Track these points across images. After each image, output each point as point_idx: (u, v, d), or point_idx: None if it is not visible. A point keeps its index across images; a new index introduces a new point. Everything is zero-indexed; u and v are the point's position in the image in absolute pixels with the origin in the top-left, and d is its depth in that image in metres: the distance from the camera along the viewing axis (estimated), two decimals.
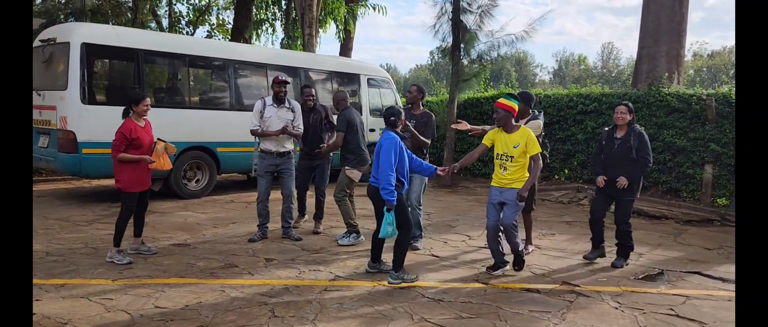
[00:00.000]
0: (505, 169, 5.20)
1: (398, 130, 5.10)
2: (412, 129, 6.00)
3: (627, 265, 5.78)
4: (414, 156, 5.28)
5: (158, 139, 5.49)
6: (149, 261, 5.35)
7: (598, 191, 5.90)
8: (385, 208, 4.78)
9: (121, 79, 9.38)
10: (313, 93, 6.96)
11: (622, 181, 5.54)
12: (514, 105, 5.19)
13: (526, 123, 5.71)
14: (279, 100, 6.35)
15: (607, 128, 5.99)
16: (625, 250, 5.80)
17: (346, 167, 6.28)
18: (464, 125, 6.04)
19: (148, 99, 5.42)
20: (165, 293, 4.41)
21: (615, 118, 5.75)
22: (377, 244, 5.19)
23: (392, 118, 5.02)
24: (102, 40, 8.32)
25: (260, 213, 6.35)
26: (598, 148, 5.94)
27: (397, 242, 4.94)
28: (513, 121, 5.23)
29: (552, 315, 4.28)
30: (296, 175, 6.83)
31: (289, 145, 6.47)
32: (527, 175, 5.23)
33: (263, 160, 6.37)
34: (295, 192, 6.74)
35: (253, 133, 6.38)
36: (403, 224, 4.91)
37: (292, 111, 6.46)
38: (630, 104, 5.75)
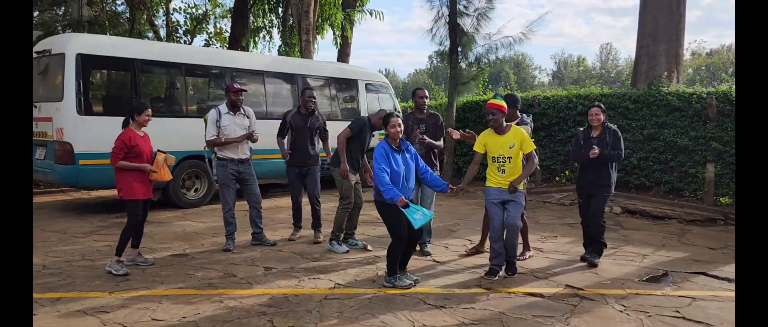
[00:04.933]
0: (503, 171, 5.21)
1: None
2: (429, 140, 5.97)
3: (597, 264, 5.75)
4: (428, 169, 5.19)
5: (158, 150, 5.52)
6: (147, 272, 5.29)
7: (581, 195, 6.01)
8: (401, 207, 4.65)
9: (117, 89, 9.34)
10: (315, 96, 6.84)
11: (596, 151, 5.58)
12: (503, 104, 5.25)
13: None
14: (235, 107, 6.24)
15: (581, 129, 6.09)
16: (598, 247, 5.85)
17: None
18: (455, 134, 6.09)
19: (150, 109, 5.44)
20: (162, 305, 4.34)
21: (590, 119, 5.88)
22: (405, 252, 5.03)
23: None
24: (97, 51, 8.28)
25: (229, 221, 6.25)
26: (576, 147, 5.98)
27: (388, 249, 4.89)
28: (504, 121, 5.28)
29: (556, 320, 4.20)
30: (290, 184, 6.81)
31: (248, 151, 6.38)
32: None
33: (224, 168, 6.21)
34: (258, 198, 6.52)
35: (210, 143, 6.24)
36: (394, 232, 4.85)
37: (248, 117, 6.36)
38: (602, 106, 5.89)
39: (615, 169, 5.91)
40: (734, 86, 9.36)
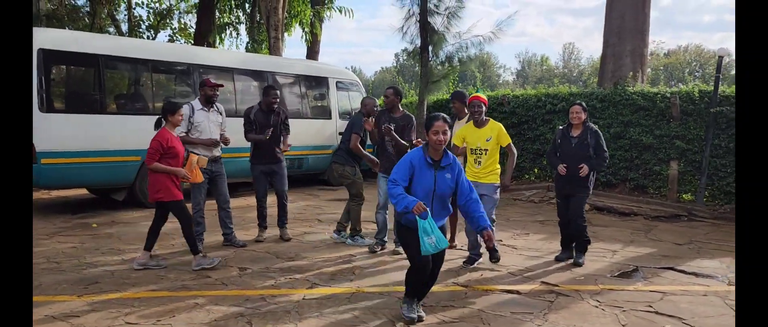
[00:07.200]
0: (479, 163, 5.53)
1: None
2: (394, 134, 5.95)
3: (582, 263, 5.77)
4: (473, 199, 3.95)
5: (191, 152, 5.57)
6: (116, 275, 5.13)
7: (559, 195, 5.99)
8: (417, 215, 3.64)
9: (81, 85, 9.03)
10: (278, 94, 6.72)
11: (585, 170, 5.61)
12: (485, 97, 5.56)
13: (466, 123, 5.91)
14: (210, 103, 6.12)
15: (561, 127, 6.04)
16: (582, 245, 5.87)
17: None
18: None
19: (183, 109, 5.38)
20: (135, 308, 4.21)
21: (571, 118, 5.82)
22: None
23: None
24: (60, 46, 8.00)
25: (198, 221, 6.08)
26: (553, 147, 5.99)
27: (407, 274, 4.02)
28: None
29: (534, 316, 4.24)
30: (255, 183, 6.66)
31: (219, 150, 6.25)
32: (498, 166, 5.56)
33: None
34: (227, 198, 6.40)
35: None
36: (413, 259, 3.89)
37: (221, 114, 6.26)
38: (584, 104, 5.84)
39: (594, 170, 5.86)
40: (696, 88, 9.65)
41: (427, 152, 3.85)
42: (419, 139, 6.09)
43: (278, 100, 6.59)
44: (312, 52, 18.59)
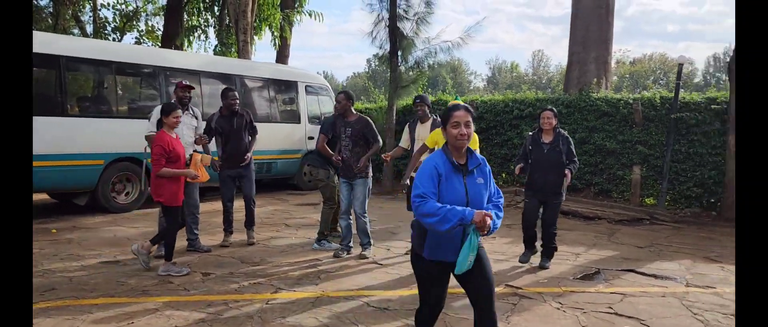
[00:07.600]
0: None
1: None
2: (357, 161, 5.88)
3: (548, 266, 5.84)
4: (495, 199, 3.05)
5: (195, 151, 5.57)
6: (74, 280, 5.00)
7: (530, 197, 5.96)
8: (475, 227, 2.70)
9: (41, 87, 8.80)
10: (237, 96, 6.63)
11: (569, 176, 5.67)
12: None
13: (431, 128, 6.02)
14: (183, 105, 6.04)
15: (530, 133, 6.01)
16: (550, 251, 5.90)
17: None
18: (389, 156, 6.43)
19: (179, 111, 5.31)
20: (92, 315, 4.11)
21: (542, 123, 5.76)
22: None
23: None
24: None
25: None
26: (524, 154, 5.93)
27: (415, 314, 3.36)
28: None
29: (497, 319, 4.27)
30: (222, 187, 6.58)
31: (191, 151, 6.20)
32: None
33: None
34: (196, 204, 6.33)
35: (147, 138, 5.98)
36: (422, 296, 3.21)
37: (196, 118, 6.22)
38: (554, 109, 5.81)
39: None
40: (657, 94, 9.90)
41: (448, 154, 2.91)
42: (388, 154, 6.13)
43: (237, 101, 6.53)
44: (282, 56, 18.49)
